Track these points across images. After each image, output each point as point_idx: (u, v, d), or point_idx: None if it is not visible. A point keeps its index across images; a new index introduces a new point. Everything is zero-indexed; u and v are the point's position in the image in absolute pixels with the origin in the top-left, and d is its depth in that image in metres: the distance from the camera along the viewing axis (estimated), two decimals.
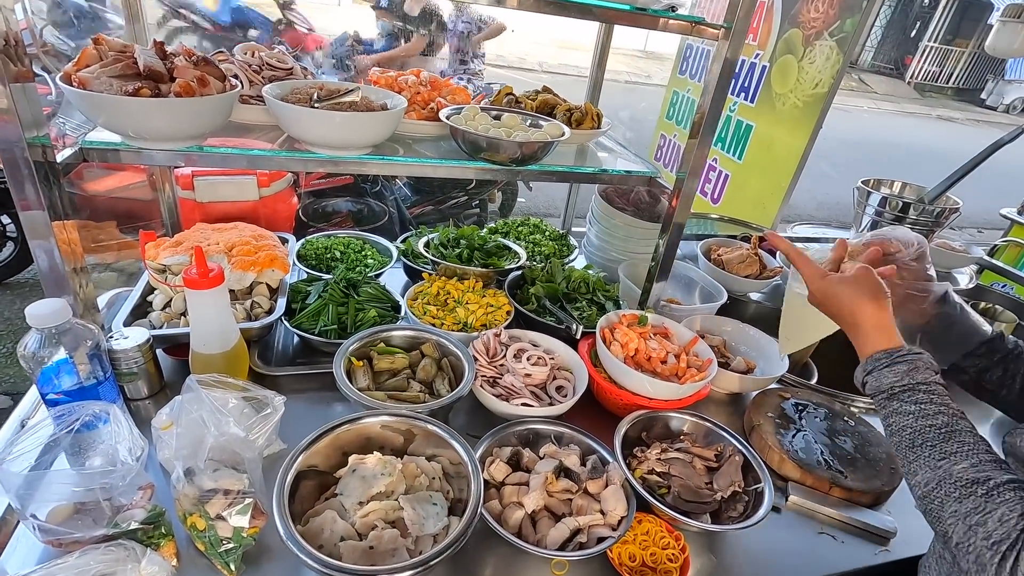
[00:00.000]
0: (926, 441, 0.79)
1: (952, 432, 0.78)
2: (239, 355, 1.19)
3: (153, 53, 1.06)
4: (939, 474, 0.76)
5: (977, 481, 0.73)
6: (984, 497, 0.72)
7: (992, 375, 1.02)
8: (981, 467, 0.74)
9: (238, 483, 0.88)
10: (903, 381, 0.83)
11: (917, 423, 0.80)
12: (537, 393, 1.26)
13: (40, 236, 0.99)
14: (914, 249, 1.04)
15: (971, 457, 0.76)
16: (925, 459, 0.78)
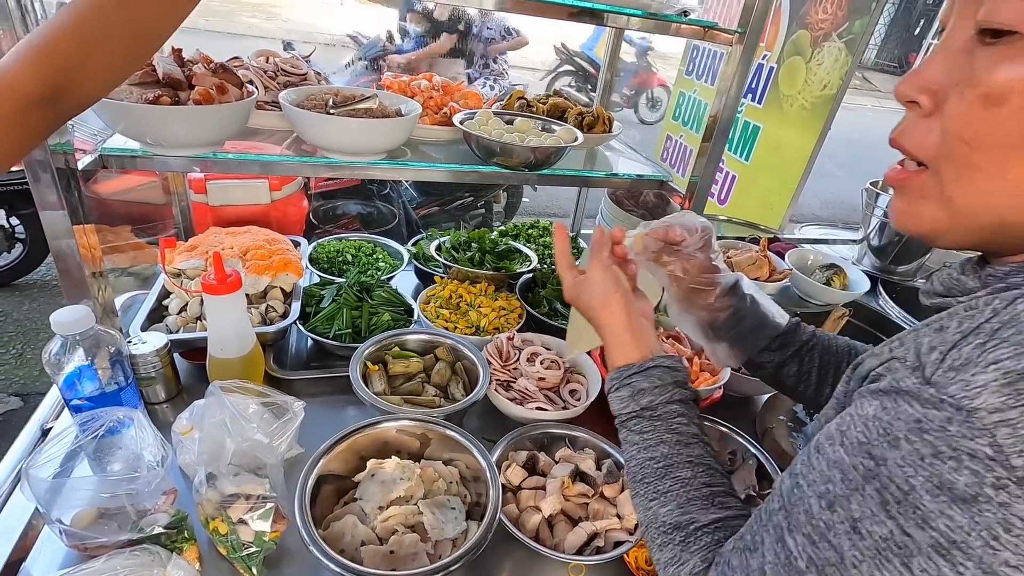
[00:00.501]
0: (645, 477, 0.69)
1: (670, 467, 0.68)
2: (256, 359, 1.20)
3: (172, 60, 1.07)
4: (648, 516, 0.68)
5: (679, 526, 0.64)
6: (681, 545, 0.63)
7: (788, 370, 0.92)
8: (688, 507, 0.65)
9: (259, 488, 0.89)
10: (628, 408, 0.73)
11: (640, 455, 0.71)
12: (551, 396, 1.26)
13: (62, 241, 1.00)
14: (698, 236, 0.91)
15: (681, 496, 0.66)
16: (641, 498, 0.70)
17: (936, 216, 0.50)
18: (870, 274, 2.09)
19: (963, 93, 0.45)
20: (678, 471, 0.68)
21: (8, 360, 2.96)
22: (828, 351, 0.92)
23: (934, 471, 0.38)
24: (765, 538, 0.52)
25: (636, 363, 0.75)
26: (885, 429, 0.42)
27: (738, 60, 1.21)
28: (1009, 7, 0.42)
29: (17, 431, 2.74)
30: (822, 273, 2.01)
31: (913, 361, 0.41)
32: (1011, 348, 0.37)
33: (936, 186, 0.49)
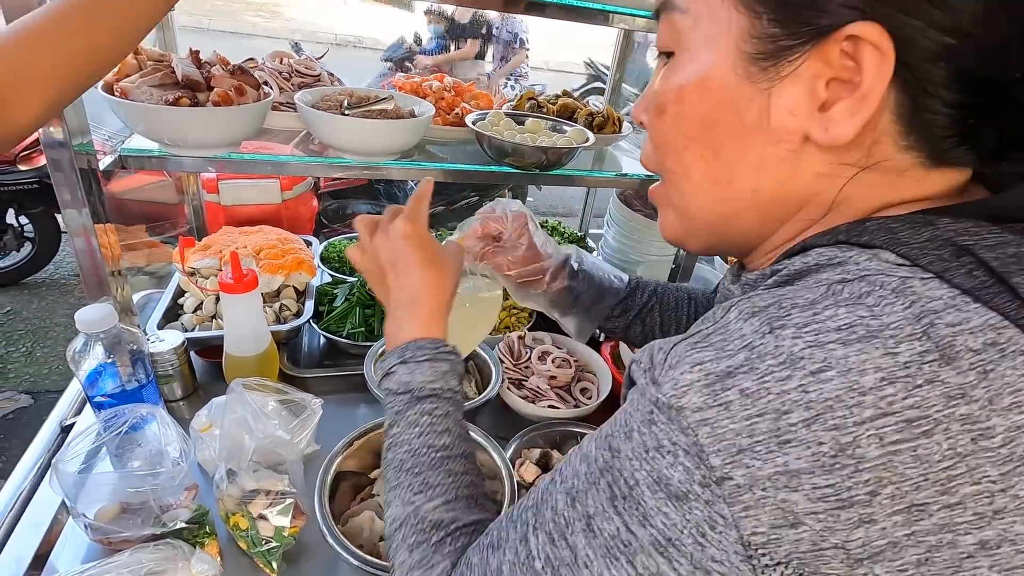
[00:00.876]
0: (416, 465, 0.62)
1: (447, 458, 0.63)
2: (271, 357, 1.22)
3: (190, 62, 1.08)
4: (408, 511, 0.60)
5: (440, 524, 0.58)
6: (435, 547, 0.57)
7: (634, 332, 0.95)
8: (454, 504, 0.60)
9: (279, 483, 0.91)
10: (436, 384, 0.66)
11: (420, 439, 0.63)
12: (562, 395, 1.28)
13: (83, 240, 1.01)
14: (512, 224, 0.89)
15: (450, 492, 0.61)
16: (405, 489, 0.62)
17: (673, 222, 0.54)
18: None
19: (649, 108, 0.50)
20: (453, 464, 0.63)
21: (18, 358, 2.98)
22: (667, 306, 0.95)
23: (655, 466, 0.37)
24: (510, 535, 0.48)
25: (441, 340, 0.69)
26: (625, 420, 0.41)
27: None
28: (664, 33, 0.48)
29: (28, 428, 2.78)
30: None
31: (646, 363, 0.41)
32: (714, 351, 0.37)
33: (664, 195, 0.53)
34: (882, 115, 0.39)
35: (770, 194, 0.45)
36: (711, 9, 0.43)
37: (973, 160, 0.41)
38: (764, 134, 0.42)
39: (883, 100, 0.38)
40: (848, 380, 0.32)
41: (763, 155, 0.43)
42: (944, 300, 0.34)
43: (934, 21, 0.35)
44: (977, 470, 0.31)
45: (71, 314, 3.07)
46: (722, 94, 0.43)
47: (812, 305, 0.36)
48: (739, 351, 0.36)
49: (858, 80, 0.38)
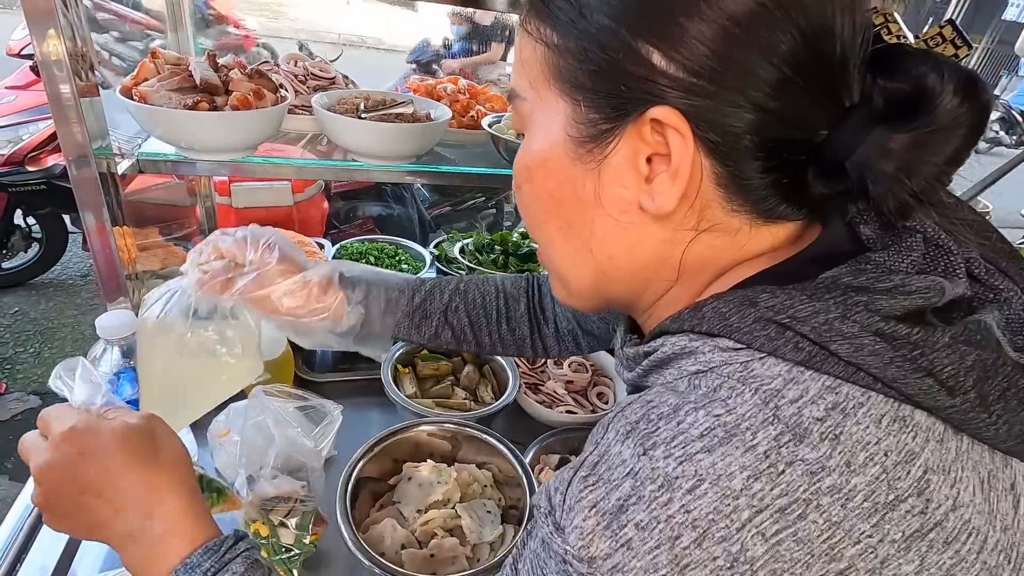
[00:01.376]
0: None
1: None
2: (287, 361, 1.21)
3: (208, 66, 1.07)
4: None
5: None
6: None
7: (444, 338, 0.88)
8: None
9: (299, 490, 0.90)
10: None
11: None
12: (579, 399, 1.27)
13: (102, 243, 1.01)
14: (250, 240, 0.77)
15: None
16: None
17: (556, 286, 0.56)
18: None
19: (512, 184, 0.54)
20: None
21: (26, 359, 2.98)
22: (473, 304, 0.87)
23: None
24: None
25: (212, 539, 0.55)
26: (542, 568, 0.40)
27: None
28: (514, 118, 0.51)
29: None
30: None
31: (546, 506, 0.40)
32: (604, 486, 0.37)
33: (544, 260, 0.56)
34: (703, 183, 0.42)
35: (625, 260, 0.47)
36: (543, 97, 0.46)
37: (800, 211, 0.44)
38: (602, 208, 0.45)
39: (700, 170, 0.41)
40: (720, 489, 0.34)
41: (607, 226, 0.46)
42: (783, 376, 0.37)
43: (730, 101, 0.38)
44: (853, 531, 0.33)
45: (79, 315, 3.09)
46: (560, 174, 0.46)
47: (675, 412, 0.37)
48: (623, 479, 0.36)
49: (669, 154, 0.40)
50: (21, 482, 2.43)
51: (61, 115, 0.87)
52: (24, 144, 2.97)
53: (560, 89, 0.44)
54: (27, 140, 2.98)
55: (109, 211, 0.99)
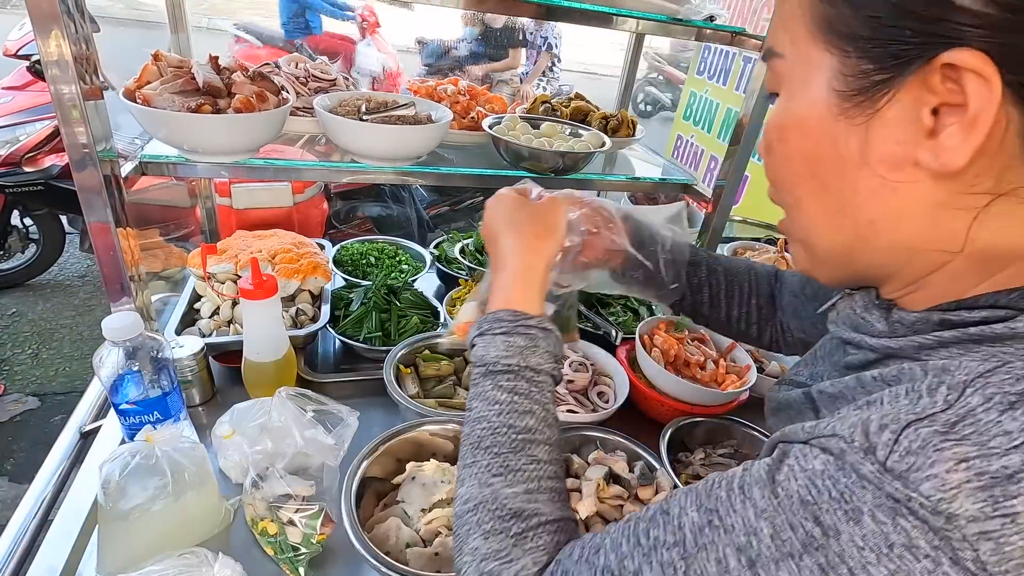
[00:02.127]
0: (495, 445, 0.60)
1: (529, 442, 0.60)
2: (290, 362, 1.21)
3: (210, 68, 1.08)
4: (485, 494, 0.57)
5: (520, 514, 0.55)
6: (515, 539, 0.54)
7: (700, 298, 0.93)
8: (536, 495, 0.57)
9: (308, 489, 0.91)
10: (512, 360, 0.63)
11: (499, 418, 0.61)
12: (579, 399, 1.28)
13: (106, 244, 1.01)
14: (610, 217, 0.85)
15: (532, 479, 0.57)
16: (482, 469, 0.59)
17: (799, 254, 0.54)
18: None
19: (760, 146, 0.53)
20: (535, 450, 0.59)
21: (24, 360, 2.98)
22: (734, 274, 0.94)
23: (902, 566, 0.33)
24: (643, 568, 0.44)
25: (534, 316, 0.65)
26: (842, 494, 0.36)
27: None
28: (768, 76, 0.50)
29: (36, 431, 2.77)
30: None
31: (862, 441, 0.36)
32: (976, 447, 0.33)
33: (788, 229, 0.54)
34: (1006, 138, 0.37)
35: (889, 225, 0.44)
36: (804, 52, 0.44)
37: None
38: (868, 166, 0.42)
39: (1004, 122, 0.36)
40: None
41: (872, 187, 0.43)
42: None
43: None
44: None
45: (76, 316, 3.10)
46: (819, 131, 0.44)
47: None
48: (1009, 451, 0.32)
49: (965, 104, 0.36)
50: (20, 483, 2.43)
51: (66, 118, 0.87)
52: (21, 145, 2.96)
53: (827, 41, 0.42)
54: (24, 141, 2.98)
55: (112, 213, 1.00)
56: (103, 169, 0.94)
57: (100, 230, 0.99)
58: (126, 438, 1.00)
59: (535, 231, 0.73)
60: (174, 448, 0.87)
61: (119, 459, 0.84)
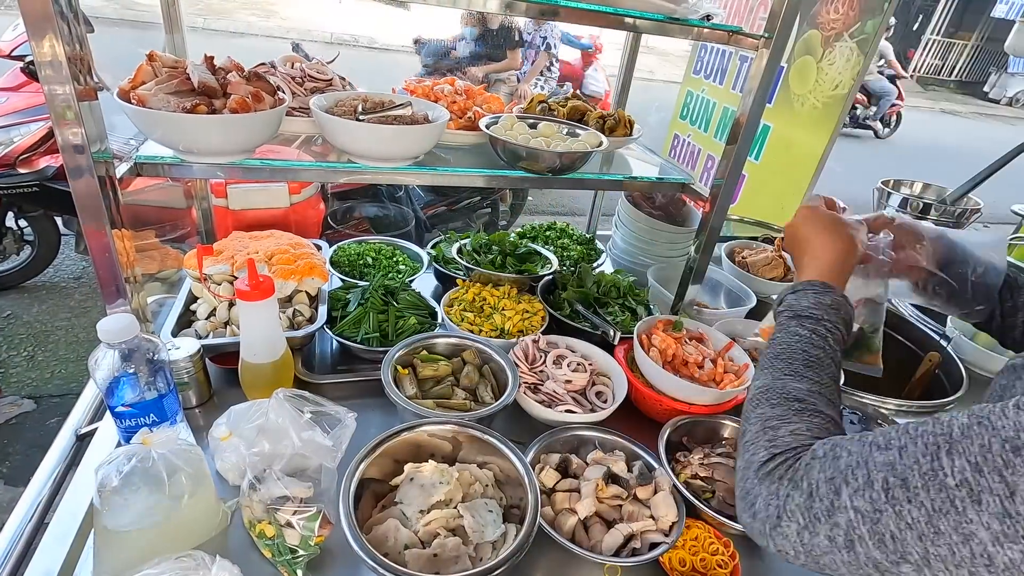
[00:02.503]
0: (791, 358, 0.78)
1: (817, 365, 0.77)
2: (287, 363, 1.21)
3: (205, 69, 1.07)
4: (776, 384, 0.76)
5: (802, 400, 0.72)
6: (795, 411, 0.71)
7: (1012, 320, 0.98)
8: (817, 396, 0.73)
9: (306, 491, 0.90)
10: (817, 312, 0.81)
11: (798, 344, 0.79)
12: (578, 399, 1.28)
13: (101, 246, 1.01)
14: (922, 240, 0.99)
15: (815, 385, 0.74)
16: (777, 369, 0.77)
17: None
18: None
19: None
20: (820, 371, 0.76)
21: (19, 363, 2.96)
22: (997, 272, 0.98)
23: None
24: (907, 444, 0.55)
25: (831, 285, 0.84)
26: None
27: (764, 64, 1.22)
28: None
29: (32, 433, 2.75)
30: None
31: None
32: None
33: None
34: None
35: None
36: None
37: None
38: None
39: None
40: None
41: None
42: None
43: None
44: None
45: (72, 318, 3.08)
46: None
47: None
48: None
49: None
50: (16, 486, 2.42)
51: (60, 119, 0.87)
52: (16, 146, 2.95)
53: None
54: (19, 142, 2.96)
55: (108, 214, 0.99)
56: (98, 170, 0.93)
57: (95, 232, 0.99)
58: (122, 441, 1.00)
59: (844, 247, 0.89)
60: (170, 451, 0.86)
61: (115, 462, 0.83)
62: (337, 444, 0.94)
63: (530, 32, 4.64)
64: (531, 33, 4.65)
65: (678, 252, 1.89)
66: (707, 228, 1.42)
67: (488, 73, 4.46)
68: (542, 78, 4.79)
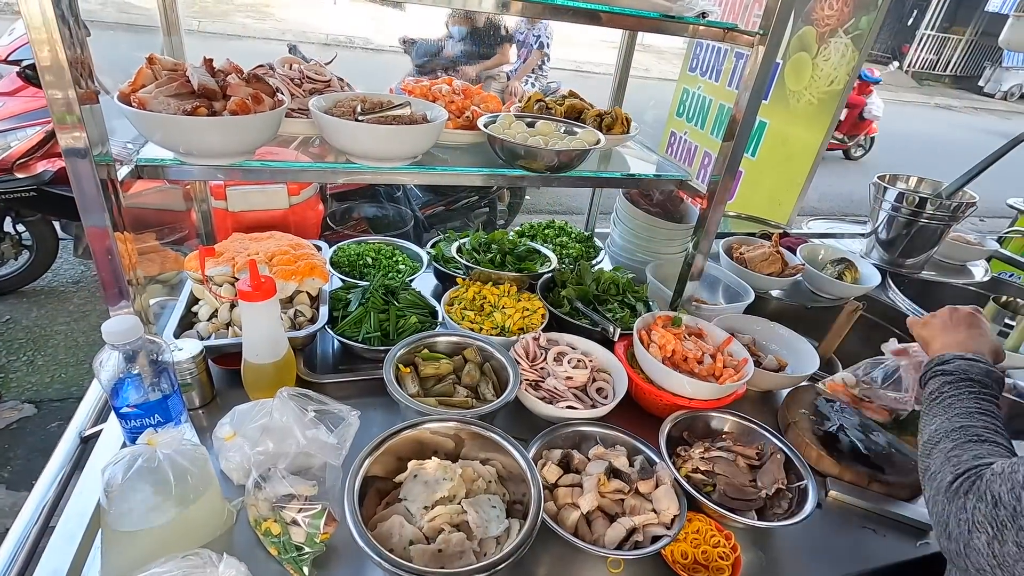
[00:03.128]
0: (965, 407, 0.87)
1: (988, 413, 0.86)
2: (288, 364, 1.22)
3: (205, 71, 1.08)
4: (952, 423, 0.85)
5: (978, 434, 0.82)
6: (974, 442, 0.81)
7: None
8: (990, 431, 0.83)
9: (311, 489, 0.91)
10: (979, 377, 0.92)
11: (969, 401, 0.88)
12: (579, 395, 1.29)
13: (104, 249, 1.02)
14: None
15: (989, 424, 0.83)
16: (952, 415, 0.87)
17: None
18: (879, 267, 2.11)
19: None
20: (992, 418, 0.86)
21: (19, 367, 2.96)
22: None
23: None
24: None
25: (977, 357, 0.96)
26: None
27: (760, 61, 1.23)
28: None
29: (33, 437, 2.75)
30: (833, 267, 2.04)
31: None
32: None
33: None
34: None
35: None
36: None
37: None
38: None
39: None
40: None
41: None
42: None
43: None
44: None
45: (71, 322, 3.07)
46: None
47: None
48: None
49: None
50: (19, 491, 2.42)
51: (63, 122, 0.87)
52: (13, 151, 2.94)
53: None
54: (16, 147, 2.96)
55: (110, 217, 1.00)
56: (100, 174, 0.94)
57: (98, 235, 0.99)
58: (127, 441, 1.00)
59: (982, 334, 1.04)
60: (176, 451, 0.87)
61: (121, 462, 0.84)
62: (341, 442, 0.95)
63: (523, 31, 4.63)
64: (523, 32, 4.64)
65: (676, 249, 1.90)
66: (705, 224, 1.43)
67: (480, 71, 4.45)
68: (533, 75, 4.78)
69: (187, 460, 0.88)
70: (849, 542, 1.13)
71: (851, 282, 1.98)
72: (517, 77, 4.65)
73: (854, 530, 1.15)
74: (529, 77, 4.71)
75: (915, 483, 1.23)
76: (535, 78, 4.75)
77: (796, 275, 1.92)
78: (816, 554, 1.09)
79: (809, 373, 1.44)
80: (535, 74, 4.76)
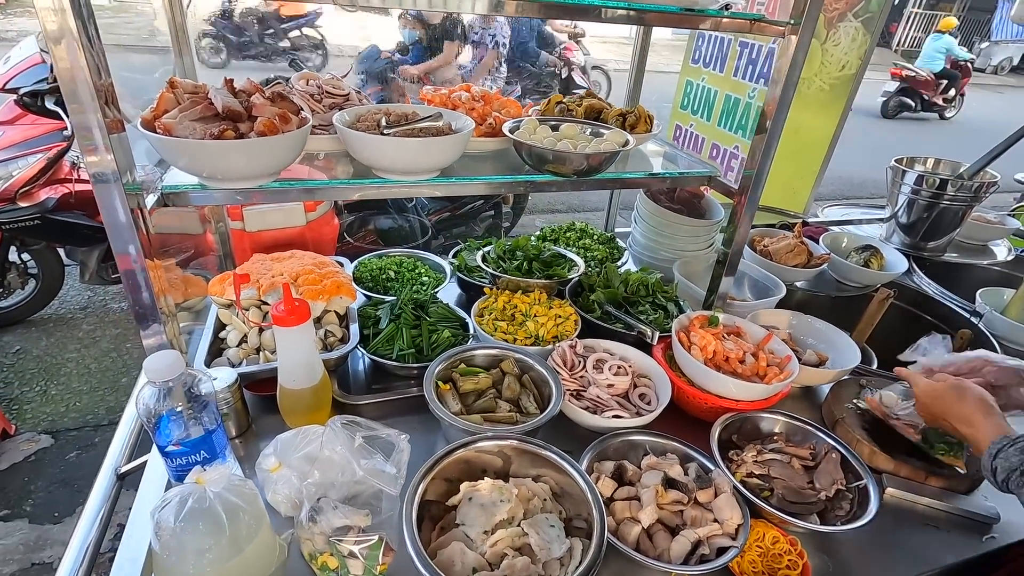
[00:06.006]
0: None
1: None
2: (325, 387, 1.18)
3: (227, 92, 1.05)
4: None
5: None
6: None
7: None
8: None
9: (365, 519, 0.88)
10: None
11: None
12: (622, 403, 1.25)
13: (136, 278, 0.98)
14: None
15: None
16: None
17: None
18: (901, 251, 2.08)
19: None
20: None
21: (33, 398, 2.92)
22: None
23: None
24: None
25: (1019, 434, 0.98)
26: None
27: (792, 51, 1.19)
28: None
29: (52, 468, 2.71)
30: (858, 255, 2.01)
31: None
32: None
33: None
34: None
35: None
36: None
37: None
38: None
39: None
40: None
41: None
42: None
43: None
44: None
45: (82, 348, 3.04)
46: None
47: None
48: None
49: None
50: (42, 524, 2.38)
51: (92, 152, 0.84)
52: (15, 180, 2.91)
53: None
54: (18, 175, 2.92)
55: (141, 245, 0.97)
56: (130, 203, 0.90)
57: (130, 264, 0.96)
58: (172, 480, 0.97)
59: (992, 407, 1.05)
60: (225, 488, 0.84)
61: (171, 504, 0.80)
62: (399, 470, 0.91)
63: (477, 31, 4.44)
64: (479, 32, 4.45)
65: (701, 245, 1.87)
66: (738, 221, 1.40)
67: (425, 71, 4.25)
68: (490, 77, 4.58)
69: (238, 497, 0.84)
70: (914, 541, 1.10)
71: (878, 269, 1.96)
72: (474, 79, 4.51)
73: (917, 528, 1.12)
74: (486, 79, 4.48)
75: (973, 475, 1.19)
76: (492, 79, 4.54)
77: (822, 265, 1.89)
78: (884, 556, 1.06)
79: (852, 367, 1.41)
80: (491, 75, 4.55)
